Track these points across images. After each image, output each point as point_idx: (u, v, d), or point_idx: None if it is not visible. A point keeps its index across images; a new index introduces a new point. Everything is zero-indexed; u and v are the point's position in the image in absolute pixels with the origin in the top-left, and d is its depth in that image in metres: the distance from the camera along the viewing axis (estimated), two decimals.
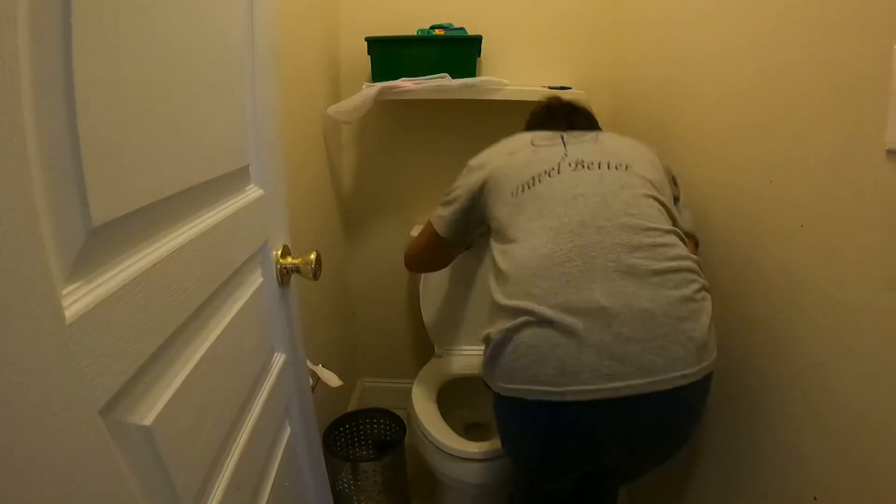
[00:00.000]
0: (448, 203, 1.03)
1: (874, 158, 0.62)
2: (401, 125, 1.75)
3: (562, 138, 0.95)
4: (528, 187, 0.86)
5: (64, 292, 0.33)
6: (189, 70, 0.50)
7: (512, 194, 0.88)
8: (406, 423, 1.49)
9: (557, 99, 1.14)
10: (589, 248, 0.77)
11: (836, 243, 0.70)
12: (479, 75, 1.52)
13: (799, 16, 0.77)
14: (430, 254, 1.14)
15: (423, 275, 1.61)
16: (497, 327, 0.78)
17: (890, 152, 0.60)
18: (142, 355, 0.41)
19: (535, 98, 1.52)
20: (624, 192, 0.83)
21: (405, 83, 1.43)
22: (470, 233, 1.05)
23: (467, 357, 1.66)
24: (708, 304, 0.77)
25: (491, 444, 1.23)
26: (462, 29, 1.56)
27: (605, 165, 0.88)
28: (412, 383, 1.51)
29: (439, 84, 1.43)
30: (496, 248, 0.88)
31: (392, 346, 2.00)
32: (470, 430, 1.59)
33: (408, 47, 1.51)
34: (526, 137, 1.00)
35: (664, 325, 0.72)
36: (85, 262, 0.36)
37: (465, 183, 0.99)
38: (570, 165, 0.87)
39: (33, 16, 0.30)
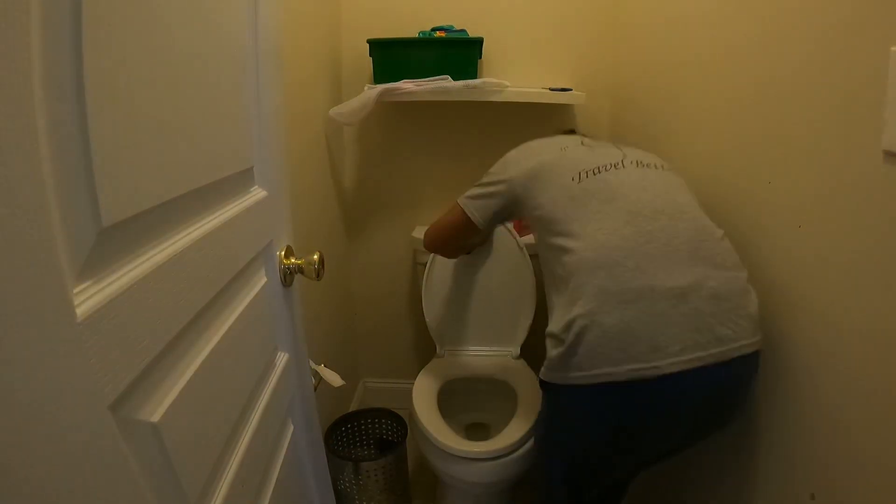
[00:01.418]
0: (487, 196, 1.06)
1: (872, 160, 0.63)
2: (402, 127, 1.75)
3: (613, 143, 1.03)
4: (595, 173, 0.91)
5: (75, 291, 0.34)
6: (195, 73, 0.51)
7: (573, 179, 0.92)
8: (407, 422, 1.49)
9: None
10: (665, 232, 0.83)
11: (833, 244, 0.71)
12: (481, 77, 1.53)
13: (797, 19, 0.78)
14: (461, 240, 1.21)
15: (425, 274, 1.62)
16: (577, 312, 0.79)
17: (887, 153, 0.60)
18: (149, 353, 0.41)
19: (536, 100, 1.54)
20: (681, 195, 0.92)
21: (406, 85, 1.44)
22: (501, 223, 1.11)
23: (469, 357, 1.67)
24: (754, 291, 0.84)
25: (491, 444, 1.24)
26: (463, 31, 1.57)
27: (660, 167, 0.97)
28: (413, 383, 1.52)
29: (440, 86, 1.44)
30: (552, 238, 0.90)
31: (394, 347, 2.01)
32: (471, 430, 1.59)
33: (409, 49, 1.52)
34: (570, 138, 1.07)
35: (729, 301, 0.79)
36: (95, 261, 0.36)
37: (508, 177, 1.02)
38: (632, 163, 0.94)
39: (45, 18, 0.31)
